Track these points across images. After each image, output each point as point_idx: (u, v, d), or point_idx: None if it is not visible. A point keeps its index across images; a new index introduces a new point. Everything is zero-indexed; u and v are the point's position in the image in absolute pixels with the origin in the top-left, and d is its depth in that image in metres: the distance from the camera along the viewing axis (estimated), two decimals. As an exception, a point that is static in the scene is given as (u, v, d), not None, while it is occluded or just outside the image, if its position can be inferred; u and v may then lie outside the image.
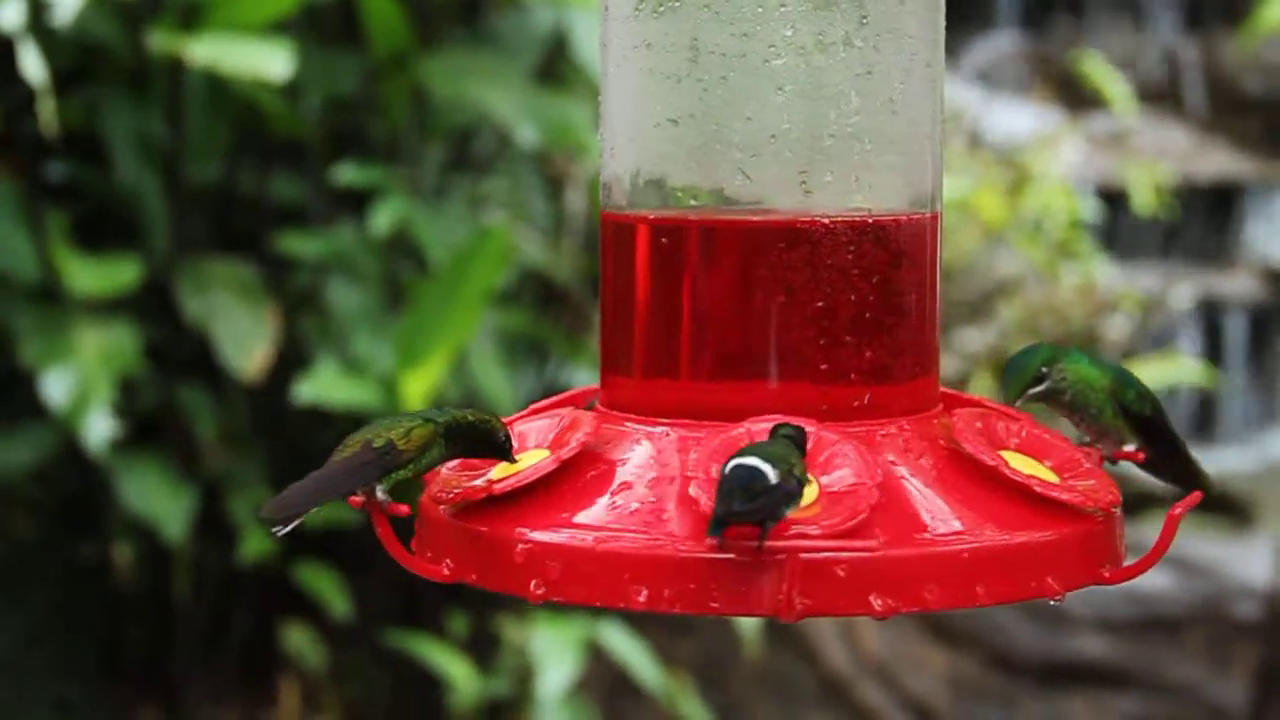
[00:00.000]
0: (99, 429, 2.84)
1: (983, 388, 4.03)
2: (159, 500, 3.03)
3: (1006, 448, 0.92)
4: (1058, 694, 3.84)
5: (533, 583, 0.87)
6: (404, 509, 0.90)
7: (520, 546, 0.88)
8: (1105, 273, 4.47)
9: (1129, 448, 1.00)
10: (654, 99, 0.96)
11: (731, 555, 0.82)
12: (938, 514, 0.88)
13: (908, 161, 0.97)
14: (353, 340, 3.11)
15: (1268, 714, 3.81)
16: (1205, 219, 5.07)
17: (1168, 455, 1.01)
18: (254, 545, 3.13)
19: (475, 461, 0.95)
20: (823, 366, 0.93)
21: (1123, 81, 5.04)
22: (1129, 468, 1.01)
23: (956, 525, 0.88)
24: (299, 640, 3.30)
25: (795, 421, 0.89)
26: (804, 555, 0.82)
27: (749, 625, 3.34)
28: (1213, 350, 4.72)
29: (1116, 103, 4.98)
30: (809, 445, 0.87)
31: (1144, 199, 4.73)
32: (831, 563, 0.84)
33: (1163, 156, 4.94)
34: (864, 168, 0.94)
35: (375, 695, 3.44)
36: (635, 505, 0.88)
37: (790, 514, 0.82)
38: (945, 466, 0.91)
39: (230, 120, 3.26)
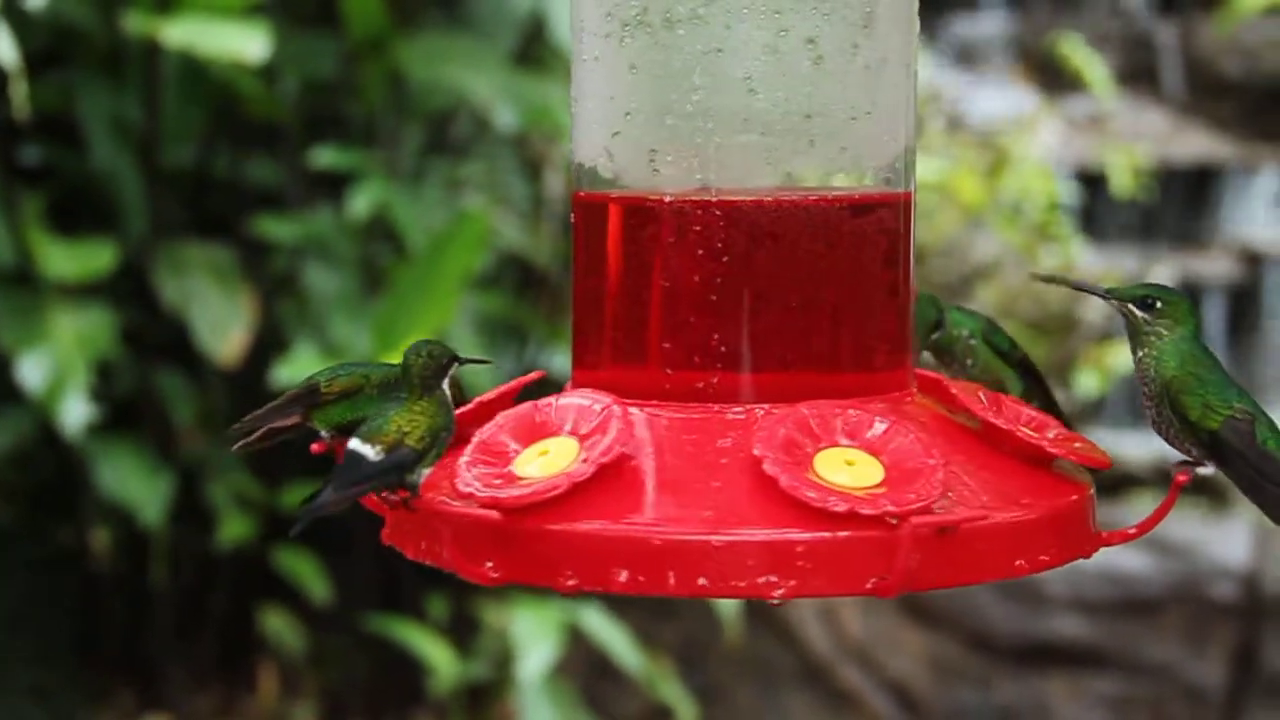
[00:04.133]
0: (76, 413, 2.83)
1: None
2: (136, 485, 3.02)
3: (835, 444, 0.87)
4: (1036, 674, 3.85)
5: (384, 531, 0.95)
6: (317, 447, 0.97)
7: (389, 499, 0.93)
8: (1083, 255, 4.47)
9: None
10: (571, 79, 0.98)
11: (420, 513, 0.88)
12: (666, 499, 0.87)
13: (777, 142, 0.92)
14: (331, 324, 3.10)
15: (1244, 694, 3.83)
16: (1183, 201, 5.07)
17: (1040, 391, 1.04)
18: (232, 529, 3.13)
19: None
20: (665, 345, 0.93)
21: (1102, 64, 5.04)
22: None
23: (672, 511, 0.86)
24: (278, 624, 3.30)
25: (605, 399, 0.90)
26: (438, 509, 0.87)
27: (729, 608, 3.34)
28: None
29: (1096, 85, 4.98)
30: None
31: (1122, 181, 4.74)
32: (533, 535, 0.85)
33: (1140, 139, 4.95)
34: (711, 147, 0.92)
35: (355, 679, 3.43)
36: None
37: (424, 475, 0.87)
38: (737, 456, 0.88)
39: (206, 103, 3.25)
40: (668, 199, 0.93)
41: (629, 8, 0.93)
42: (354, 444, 0.86)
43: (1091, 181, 4.79)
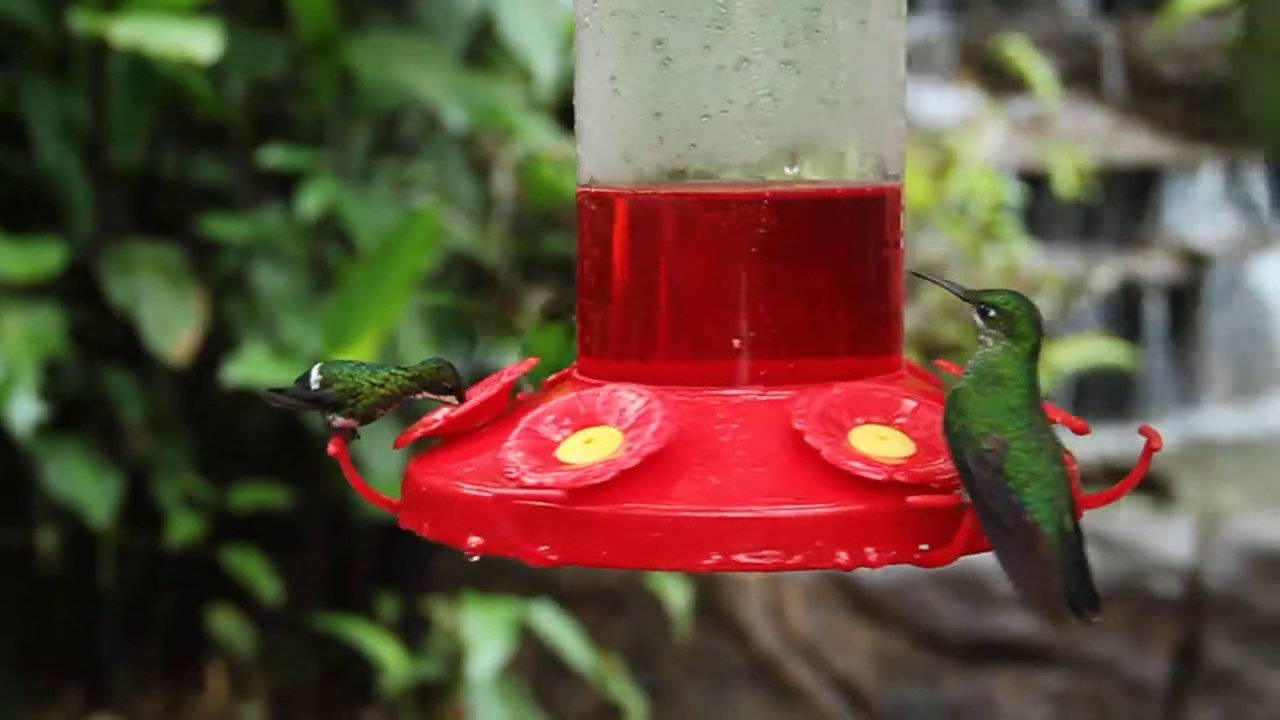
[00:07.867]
0: (24, 412, 2.81)
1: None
2: (84, 484, 3.01)
3: (576, 431, 0.93)
4: (982, 671, 3.89)
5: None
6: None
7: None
8: (1027, 255, 4.51)
9: None
10: None
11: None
12: (515, 465, 0.93)
13: (632, 141, 0.99)
14: (280, 323, 3.10)
15: (1186, 689, 3.88)
16: (1125, 202, 5.12)
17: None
18: (181, 529, 3.12)
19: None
20: (586, 336, 1.01)
21: (1045, 65, 5.08)
22: None
23: (517, 476, 0.92)
24: (227, 624, 3.29)
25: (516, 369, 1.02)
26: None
27: (679, 605, 3.36)
28: (1133, 330, 4.78)
29: (1040, 87, 5.03)
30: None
31: (1066, 182, 4.78)
32: (425, 494, 0.96)
33: (1083, 140, 4.99)
34: (591, 142, 1.01)
35: (304, 678, 3.43)
36: None
37: (343, 418, 1.01)
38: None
39: (154, 102, 3.24)
40: (578, 190, 1.01)
41: (575, 12, 1.02)
42: (313, 369, 1.02)
43: (1035, 182, 4.84)
